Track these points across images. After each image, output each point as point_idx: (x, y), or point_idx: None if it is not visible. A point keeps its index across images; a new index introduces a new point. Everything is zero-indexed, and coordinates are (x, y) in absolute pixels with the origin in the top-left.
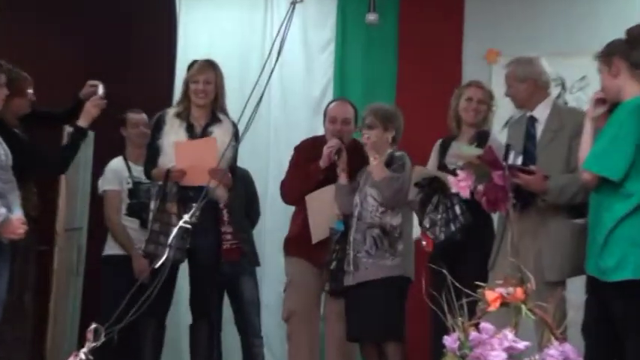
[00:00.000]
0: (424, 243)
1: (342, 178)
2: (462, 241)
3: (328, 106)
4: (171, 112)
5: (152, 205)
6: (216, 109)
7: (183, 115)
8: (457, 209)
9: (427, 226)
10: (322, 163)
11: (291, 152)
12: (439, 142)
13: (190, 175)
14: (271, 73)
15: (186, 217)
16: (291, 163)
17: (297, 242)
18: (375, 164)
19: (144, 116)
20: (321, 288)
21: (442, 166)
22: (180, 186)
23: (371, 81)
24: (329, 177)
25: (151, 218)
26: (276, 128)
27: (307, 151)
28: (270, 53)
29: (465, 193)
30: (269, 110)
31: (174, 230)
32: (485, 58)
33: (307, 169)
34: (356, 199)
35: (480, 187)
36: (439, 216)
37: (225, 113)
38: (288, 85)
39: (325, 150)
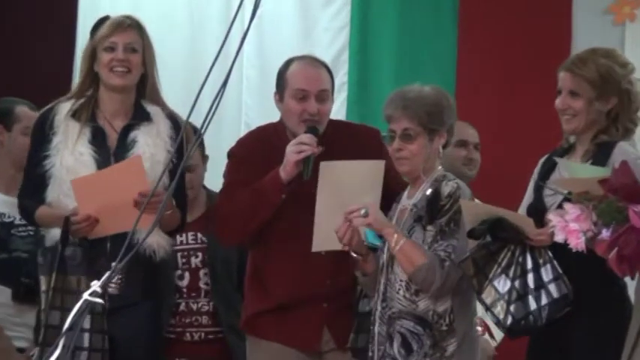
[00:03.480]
0: (479, 329)
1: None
2: (567, 325)
3: (287, 69)
4: (62, 109)
5: (42, 282)
6: (143, 97)
7: (84, 114)
8: (545, 273)
9: (487, 302)
10: (284, 173)
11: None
12: (543, 159)
13: (106, 221)
14: (242, 40)
15: (95, 285)
16: (227, 176)
17: (267, 314)
18: (401, 245)
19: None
20: None
21: (540, 200)
22: (88, 242)
23: (413, 56)
24: (297, 195)
25: (43, 305)
26: (250, 129)
27: (254, 151)
28: (238, 8)
29: (578, 244)
30: (239, 101)
31: (72, 312)
32: (611, 12)
33: (259, 184)
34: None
35: (606, 234)
36: (508, 285)
37: (161, 104)
38: (270, 61)
39: (292, 153)
